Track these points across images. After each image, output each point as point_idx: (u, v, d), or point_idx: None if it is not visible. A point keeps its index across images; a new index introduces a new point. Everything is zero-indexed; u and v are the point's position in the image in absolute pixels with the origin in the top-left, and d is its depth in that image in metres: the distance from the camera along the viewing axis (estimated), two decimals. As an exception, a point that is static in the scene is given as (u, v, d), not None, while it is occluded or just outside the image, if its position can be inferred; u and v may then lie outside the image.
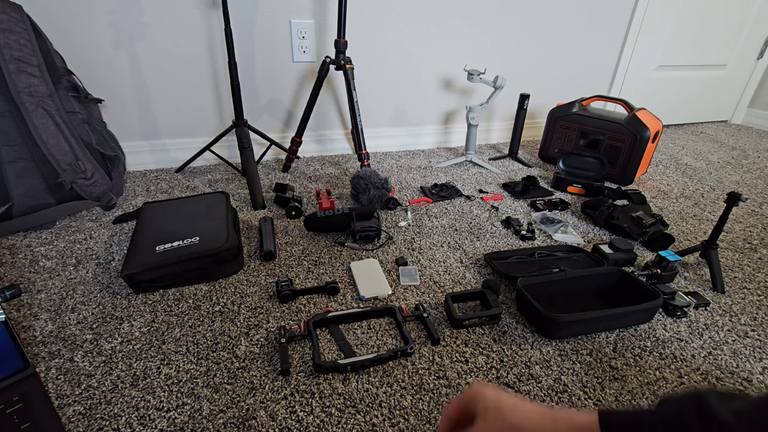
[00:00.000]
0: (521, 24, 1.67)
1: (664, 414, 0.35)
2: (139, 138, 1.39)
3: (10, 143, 0.97)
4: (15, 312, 0.78)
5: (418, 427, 0.60)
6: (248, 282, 0.89)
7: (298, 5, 1.37)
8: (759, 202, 1.39)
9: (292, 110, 1.53)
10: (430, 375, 0.69)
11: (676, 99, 2.18)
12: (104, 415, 0.60)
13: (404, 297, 0.87)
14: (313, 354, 0.69)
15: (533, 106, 1.90)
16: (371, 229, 1.03)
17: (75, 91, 1.11)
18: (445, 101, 1.73)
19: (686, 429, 0.33)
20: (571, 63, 1.84)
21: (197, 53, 1.33)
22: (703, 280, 0.97)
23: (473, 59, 1.67)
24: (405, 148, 1.76)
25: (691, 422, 0.33)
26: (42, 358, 0.69)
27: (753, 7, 2.05)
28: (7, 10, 0.97)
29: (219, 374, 0.67)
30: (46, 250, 0.97)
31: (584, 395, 0.67)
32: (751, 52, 2.21)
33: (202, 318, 0.79)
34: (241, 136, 1.23)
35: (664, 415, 0.34)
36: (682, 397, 0.35)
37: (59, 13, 1.16)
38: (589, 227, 1.18)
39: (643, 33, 1.87)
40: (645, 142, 1.38)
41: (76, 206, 1.11)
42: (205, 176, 1.40)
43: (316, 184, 1.38)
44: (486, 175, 1.52)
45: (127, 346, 0.72)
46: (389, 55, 1.55)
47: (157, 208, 1.01)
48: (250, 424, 0.60)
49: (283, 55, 1.42)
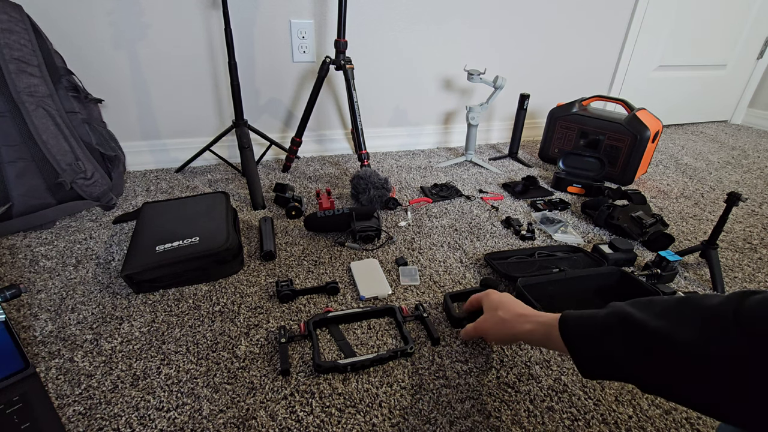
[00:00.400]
0: (521, 24, 1.67)
1: (603, 317, 0.46)
2: (139, 138, 1.39)
3: (10, 143, 0.97)
4: (15, 312, 0.78)
5: (418, 427, 0.60)
6: (248, 282, 0.89)
7: (298, 5, 1.37)
8: (759, 202, 1.39)
9: (292, 110, 1.53)
10: (430, 375, 0.69)
11: (676, 99, 2.18)
12: (104, 415, 0.60)
13: (404, 297, 0.87)
14: (313, 354, 0.69)
15: (533, 106, 1.90)
16: (371, 229, 1.03)
17: (75, 91, 1.11)
18: (445, 101, 1.73)
19: (610, 330, 0.44)
20: (571, 63, 1.84)
21: (197, 53, 1.33)
22: (703, 280, 0.97)
23: (473, 59, 1.67)
24: (405, 148, 1.76)
25: (614, 325, 0.44)
26: (42, 358, 0.69)
27: (753, 7, 2.05)
28: (7, 10, 0.97)
29: (219, 374, 0.67)
30: (46, 250, 0.97)
31: (584, 395, 0.67)
32: (751, 52, 2.21)
33: (202, 318, 0.79)
34: (241, 136, 1.23)
35: (603, 318, 0.46)
36: (619, 305, 0.46)
37: (59, 14, 1.16)
38: (589, 227, 1.18)
39: (643, 33, 1.87)
40: (645, 142, 1.38)
41: (76, 206, 1.11)
42: (205, 176, 1.40)
43: (316, 184, 1.38)
44: (486, 175, 1.52)
45: (127, 346, 0.72)
46: (389, 55, 1.55)
47: (157, 208, 1.01)
48: (250, 424, 0.60)
49: (283, 55, 1.42)
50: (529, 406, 0.65)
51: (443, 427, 0.61)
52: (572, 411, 0.64)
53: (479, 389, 0.67)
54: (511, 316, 0.62)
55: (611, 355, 0.44)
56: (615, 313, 0.45)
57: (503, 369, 0.71)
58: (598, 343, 0.45)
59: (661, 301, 0.43)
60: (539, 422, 0.62)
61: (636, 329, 0.42)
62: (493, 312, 0.66)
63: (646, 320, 0.41)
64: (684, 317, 0.39)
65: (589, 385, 0.69)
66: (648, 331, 0.40)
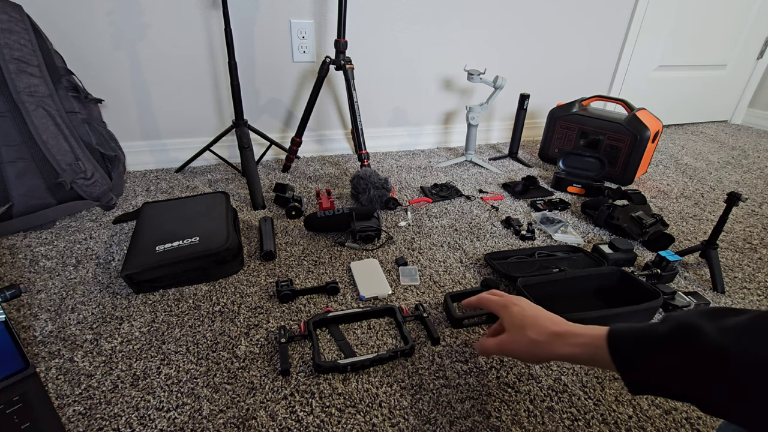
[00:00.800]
0: (521, 24, 1.67)
1: (663, 331, 0.41)
2: (139, 138, 1.39)
3: (10, 143, 0.97)
4: (15, 312, 0.78)
5: (418, 427, 0.60)
6: (248, 282, 0.89)
7: (298, 5, 1.37)
8: (759, 202, 1.39)
9: (292, 110, 1.53)
10: (430, 375, 0.69)
11: (676, 99, 2.18)
12: (104, 415, 0.60)
13: (404, 297, 0.87)
14: (313, 354, 0.69)
15: (533, 106, 1.90)
16: (371, 229, 1.03)
17: (75, 91, 1.11)
18: (445, 101, 1.73)
19: (672, 345, 0.39)
20: (571, 63, 1.84)
21: (197, 53, 1.33)
22: (703, 280, 0.97)
23: (473, 59, 1.67)
24: (405, 148, 1.76)
25: (683, 342, 0.38)
26: (42, 358, 0.69)
27: (753, 7, 2.05)
28: (7, 10, 0.97)
29: (219, 374, 0.67)
30: (46, 250, 0.97)
31: (584, 395, 0.67)
32: (751, 52, 2.21)
33: (202, 318, 0.79)
34: (241, 136, 1.23)
35: (663, 332, 0.41)
36: (680, 316, 0.41)
37: (59, 14, 1.16)
38: (589, 227, 1.18)
39: (643, 33, 1.87)
40: (645, 142, 1.38)
41: (76, 206, 1.11)
42: (205, 176, 1.40)
43: (316, 184, 1.38)
44: (486, 175, 1.52)
45: (127, 346, 0.72)
46: (389, 55, 1.55)
47: (157, 208, 1.01)
48: (250, 424, 0.60)
49: (283, 55, 1.42)
50: (529, 406, 0.65)
51: (443, 427, 0.61)
52: (572, 411, 0.64)
53: (479, 389, 0.67)
54: (545, 338, 0.53)
55: (669, 373, 0.39)
56: (679, 326, 0.39)
57: (503, 369, 0.71)
58: (656, 360, 0.40)
59: (732, 315, 0.38)
60: (539, 422, 0.62)
61: (703, 347, 0.37)
62: (520, 332, 0.56)
63: (715, 336, 0.36)
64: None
65: (589, 385, 0.69)
66: (716, 349, 0.36)
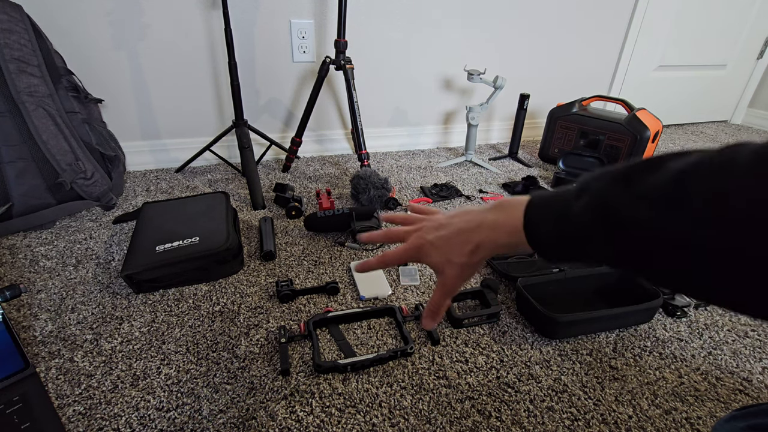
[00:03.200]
0: (521, 24, 1.67)
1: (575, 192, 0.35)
2: (139, 138, 1.39)
3: (10, 143, 0.97)
4: (15, 312, 0.78)
5: (418, 427, 0.60)
6: (248, 282, 0.89)
7: (298, 5, 1.37)
8: (759, 202, 1.39)
9: (292, 110, 1.53)
10: (430, 375, 0.69)
11: (676, 99, 2.18)
12: (104, 415, 0.60)
13: (404, 297, 0.87)
14: (313, 354, 0.69)
15: (533, 106, 1.90)
16: (371, 229, 1.03)
17: (75, 91, 1.11)
18: (445, 101, 1.73)
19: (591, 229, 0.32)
20: (571, 63, 1.84)
21: (197, 53, 1.33)
22: (703, 280, 0.97)
23: (473, 59, 1.67)
24: (405, 148, 1.76)
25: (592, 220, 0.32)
26: (42, 358, 0.69)
27: (753, 7, 2.05)
28: (7, 10, 0.97)
29: (219, 374, 0.67)
30: (46, 250, 0.97)
31: (584, 395, 0.67)
32: (751, 52, 2.21)
33: (202, 318, 0.79)
34: (241, 136, 1.23)
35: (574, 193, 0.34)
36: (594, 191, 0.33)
37: (59, 13, 1.16)
38: (589, 227, 1.18)
39: (643, 33, 1.87)
40: (645, 142, 1.38)
41: (76, 206, 1.11)
42: (205, 176, 1.40)
43: (316, 184, 1.38)
44: (486, 175, 1.52)
45: (127, 346, 0.72)
46: (389, 55, 1.55)
47: (157, 208, 1.01)
48: (250, 424, 0.60)
49: (283, 55, 1.42)
50: (529, 406, 0.65)
51: (443, 427, 0.61)
52: (572, 411, 0.64)
53: (479, 389, 0.67)
54: (460, 222, 0.43)
55: (579, 238, 0.34)
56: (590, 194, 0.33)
57: (503, 369, 0.71)
58: (565, 224, 0.35)
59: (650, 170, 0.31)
60: (539, 422, 0.62)
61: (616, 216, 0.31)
62: (447, 267, 0.43)
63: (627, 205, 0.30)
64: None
65: (589, 385, 0.69)
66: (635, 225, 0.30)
